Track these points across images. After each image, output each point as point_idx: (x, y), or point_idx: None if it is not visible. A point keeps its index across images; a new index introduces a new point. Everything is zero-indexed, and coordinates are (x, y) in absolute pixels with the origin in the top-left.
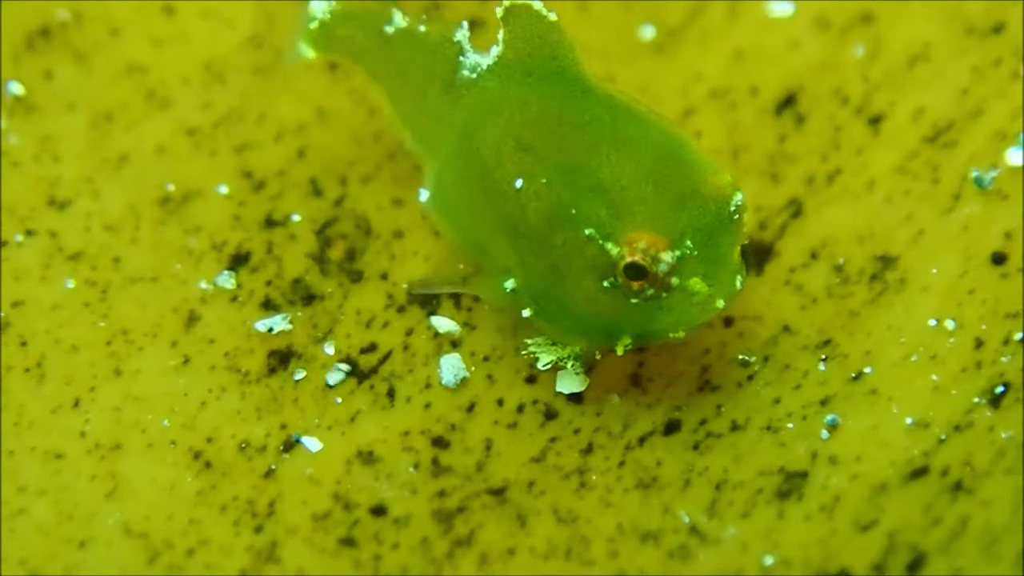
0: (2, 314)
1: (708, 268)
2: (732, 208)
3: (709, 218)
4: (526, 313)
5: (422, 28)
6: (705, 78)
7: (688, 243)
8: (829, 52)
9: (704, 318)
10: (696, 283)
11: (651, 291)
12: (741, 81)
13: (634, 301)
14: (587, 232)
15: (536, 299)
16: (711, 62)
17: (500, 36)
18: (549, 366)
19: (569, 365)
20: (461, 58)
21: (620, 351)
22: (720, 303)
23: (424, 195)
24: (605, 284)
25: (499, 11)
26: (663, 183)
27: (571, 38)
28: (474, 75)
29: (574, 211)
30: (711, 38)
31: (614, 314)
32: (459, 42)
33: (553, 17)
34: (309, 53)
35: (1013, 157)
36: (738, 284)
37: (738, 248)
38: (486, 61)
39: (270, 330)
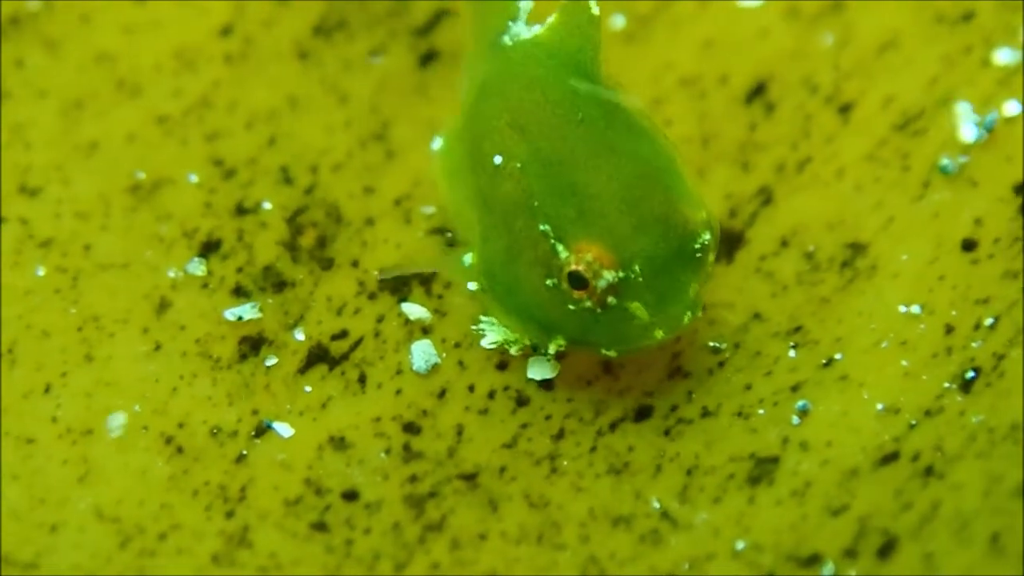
0: None
1: (655, 297)
2: (696, 246)
3: (667, 249)
4: (472, 286)
5: None
6: (675, 67)
7: (636, 268)
8: (799, 41)
9: (639, 343)
10: (637, 308)
11: (588, 303)
12: (711, 70)
13: (572, 307)
14: (542, 228)
15: (488, 276)
16: (681, 51)
17: (551, 18)
18: (494, 346)
19: (514, 350)
20: (511, 23)
21: (552, 350)
22: (659, 334)
23: (436, 143)
24: (548, 283)
25: None
26: (633, 202)
27: (600, 38)
28: (511, 43)
29: (537, 203)
30: (681, 27)
31: (552, 313)
32: (517, 7)
33: (596, 11)
34: None
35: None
36: (686, 320)
37: (696, 285)
38: (525, 35)
39: (239, 318)
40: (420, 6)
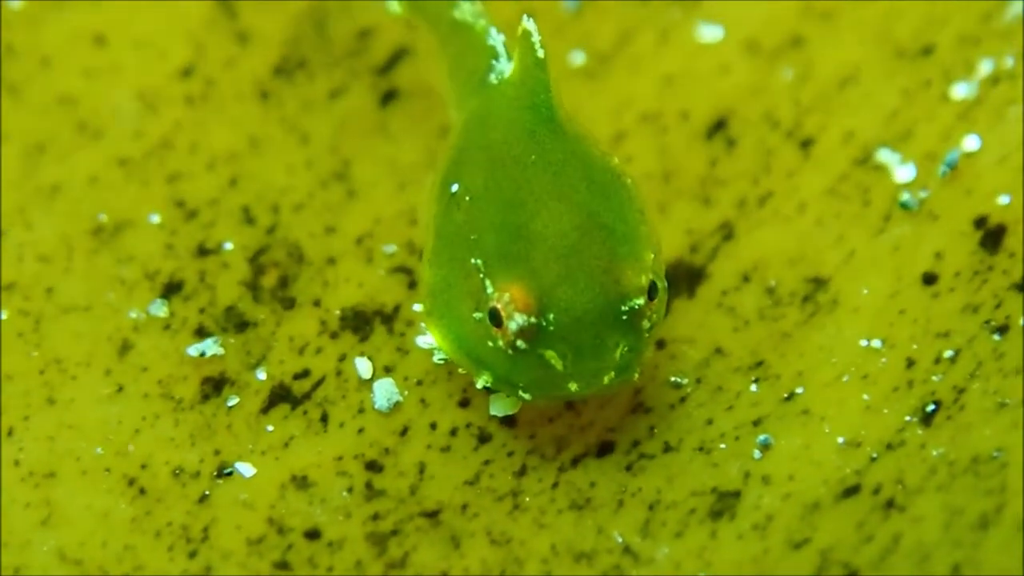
0: None
1: (573, 351)
2: (624, 308)
3: (589, 305)
4: (417, 307)
5: (481, 23)
6: (636, 103)
7: (550, 317)
8: (759, 76)
9: (554, 393)
10: (552, 357)
11: (501, 342)
12: (672, 106)
13: (491, 344)
14: (474, 261)
15: (430, 299)
16: (642, 87)
17: (515, 55)
18: (426, 347)
19: (436, 358)
20: (494, 62)
21: (479, 384)
22: (574, 387)
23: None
24: (476, 316)
25: (519, 30)
26: (565, 252)
27: (553, 78)
28: (496, 81)
29: (475, 236)
30: (641, 63)
31: (479, 347)
32: (493, 47)
33: (541, 55)
34: (395, 8)
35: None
36: (606, 380)
37: (625, 347)
38: (508, 73)
39: (202, 354)
40: (380, 46)
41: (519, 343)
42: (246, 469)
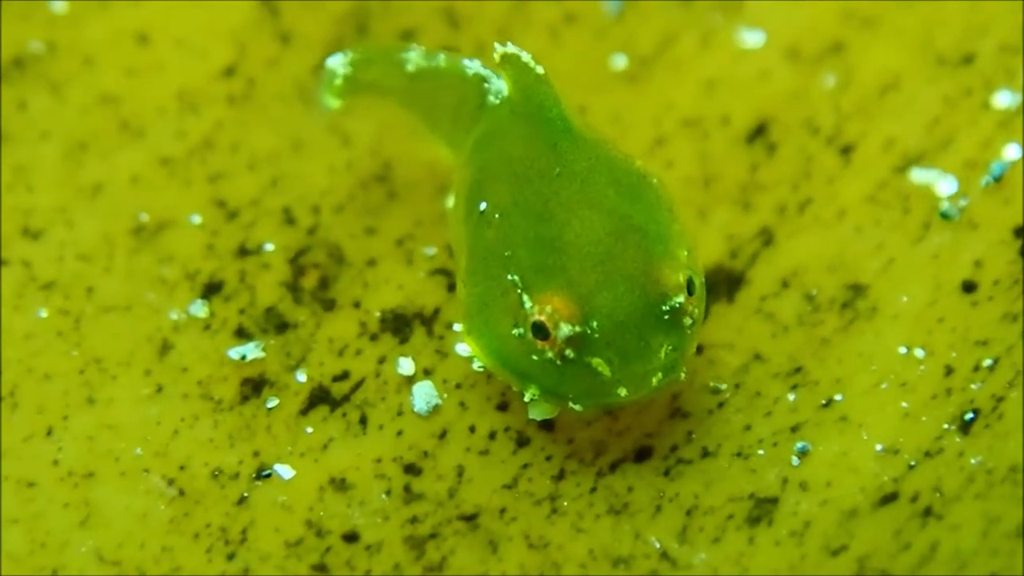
0: None
1: (619, 355)
2: (665, 307)
3: (630, 308)
4: (457, 327)
5: (442, 60)
6: (677, 108)
7: (594, 324)
8: (800, 82)
9: (603, 400)
10: (599, 364)
11: (550, 354)
12: (713, 111)
13: (536, 358)
14: (511, 277)
15: (468, 319)
16: (683, 92)
17: (507, 77)
18: (481, 369)
19: (476, 364)
20: (487, 85)
21: (527, 398)
22: (623, 392)
23: (449, 201)
24: (515, 332)
25: (496, 57)
26: (601, 258)
27: (558, 90)
28: (497, 100)
29: (508, 253)
30: (683, 68)
31: (522, 362)
32: (477, 74)
33: (540, 71)
34: (335, 104)
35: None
36: (655, 382)
37: (669, 347)
38: (505, 91)
39: (243, 358)
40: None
41: (568, 352)
42: (285, 471)
